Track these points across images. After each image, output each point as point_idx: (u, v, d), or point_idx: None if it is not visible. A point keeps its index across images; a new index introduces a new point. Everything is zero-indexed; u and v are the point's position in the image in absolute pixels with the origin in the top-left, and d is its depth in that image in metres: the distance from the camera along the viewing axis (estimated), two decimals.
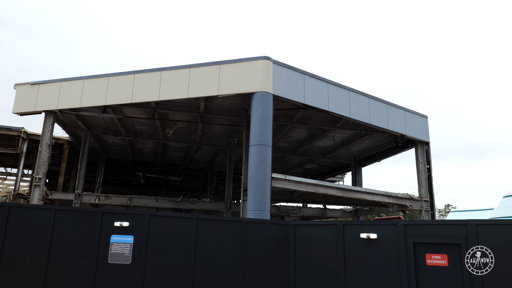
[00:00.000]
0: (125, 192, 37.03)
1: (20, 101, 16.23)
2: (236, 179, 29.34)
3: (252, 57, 14.56)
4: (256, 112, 13.87)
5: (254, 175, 13.23)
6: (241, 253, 9.48)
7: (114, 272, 9.23)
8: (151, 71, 15.32)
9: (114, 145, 24.46)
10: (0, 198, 42.12)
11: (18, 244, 9.42)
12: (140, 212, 9.71)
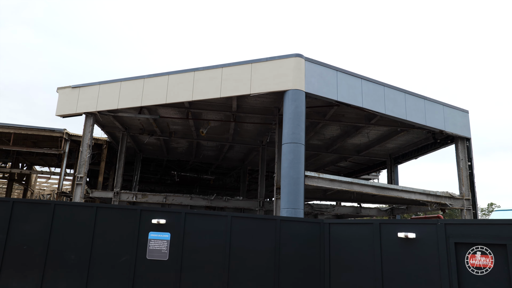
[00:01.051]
0: (160, 191, 38.06)
1: (62, 104, 17.06)
2: (268, 177, 29.39)
3: (284, 54, 14.50)
4: (289, 110, 13.81)
5: (287, 173, 13.19)
6: (275, 251, 9.49)
7: (152, 268, 9.52)
8: (184, 72, 15.62)
9: (149, 145, 25.17)
10: (45, 196, 44.50)
11: (63, 240, 9.91)
12: (176, 210, 9.93)
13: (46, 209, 10.19)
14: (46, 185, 43.45)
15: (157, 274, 9.46)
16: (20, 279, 9.75)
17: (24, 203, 10.40)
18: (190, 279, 9.38)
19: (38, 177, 37.81)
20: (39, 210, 10.22)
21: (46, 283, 9.62)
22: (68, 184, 36.18)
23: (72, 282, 9.56)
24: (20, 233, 10.06)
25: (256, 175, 32.21)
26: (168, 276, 9.41)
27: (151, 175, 35.16)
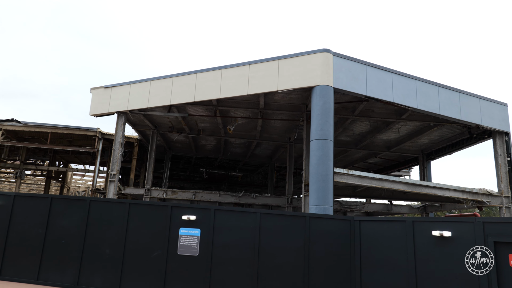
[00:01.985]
0: (189, 187, 38.69)
1: (95, 104, 17.63)
2: (296, 174, 29.23)
3: (311, 50, 14.32)
4: (317, 106, 13.65)
5: (315, 170, 13.06)
6: (304, 248, 9.43)
7: (183, 263, 9.69)
8: (212, 70, 15.75)
9: (178, 143, 25.61)
10: (80, 193, 46.28)
11: (98, 235, 10.26)
12: (205, 206, 10.06)
13: (82, 205, 10.59)
14: (81, 182, 45.14)
15: (187, 269, 9.62)
16: (59, 272, 10.19)
17: (61, 199, 10.85)
18: (219, 274, 9.49)
19: (73, 174, 39.33)
20: (75, 206, 10.63)
21: (83, 276, 10.00)
22: (102, 181, 37.42)
23: (107, 276, 9.89)
24: (58, 228, 10.51)
25: (284, 172, 32.14)
26: (198, 271, 9.55)
27: (180, 172, 35.81)
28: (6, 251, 10.52)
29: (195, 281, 9.49)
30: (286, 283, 9.28)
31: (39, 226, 10.55)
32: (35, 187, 46.35)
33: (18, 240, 10.59)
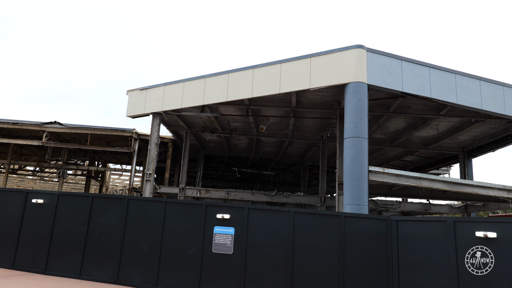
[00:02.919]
0: (222, 186, 39.12)
1: (132, 105, 18.20)
2: (329, 173, 28.85)
3: (344, 46, 14.07)
4: (350, 104, 13.39)
5: (350, 168, 12.82)
6: (339, 248, 9.28)
7: (217, 261, 9.81)
8: (244, 70, 15.83)
9: (211, 142, 25.96)
10: (118, 192, 47.99)
11: (136, 233, 10.59)
12: (239, 205, 10.13)
13: (120, 203, 10.96)
14: (119, 181, 46.80)
15: (222, 267, 9.73)
16: (100, 267, 10.61)
17: (101, 198, 11.29)
18: (254, 273, 9.52)
19: (111, 174, 40.84)
20: (114, 205, 11.02)
21: (122, 273, 10.35)
22: (138, 180, 38.60)
23: (145, 272, 10.19)
24: (98, 226, 10.94)
25: (317, 170, 31.80)
26: (233, 269, 9.64)
27: (213, 172, 36.30)
28: (51, 247, 11.08)
29: (229, 279, 9.58)
30: (321, 282, 9.17)
31: (81, 223, 11.03)
32: (76, 186, 48.56)
33: (62, 236, 11.12)
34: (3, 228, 11.69)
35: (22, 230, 11.51)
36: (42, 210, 11.50)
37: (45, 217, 11.39)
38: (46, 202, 11.52)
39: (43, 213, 11.45)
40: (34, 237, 11.33)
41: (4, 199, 11.99)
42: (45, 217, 11.40)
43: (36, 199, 11.56)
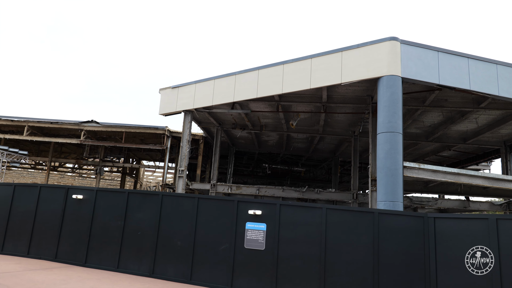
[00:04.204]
0: (252, 183, 39.31)
1: (164, 104, 18.59)
2: (361, 169, 28.30)
3: (377, 39, 13.69)
4: (384, 98, 13.03)
5: (383, 164, 12.50)
6: (373, 245, 9.08)
7: (249, 256, 9.86)
8: (273, 66, 15.77)
9: (241, 139, 26.10)
10: (151, 188, 49.29)
11: (170, 228, 10.83)
12: (271, 201, 10.12)
13: (155, 199, 11.25)
14: (152, 177, 48.06)
15: (254, 263, 9.77)
16: (136, 261, 10.95)
17: (137, 194, 11.63)
18: (286, 269, 9.50)
19: (145, 170, 42.00)
20: (149, 200, 11.33)
21: (158, 266, 10.63)
22: (170, 176, 39.48)
23: (179, 266, 10.41)
24: (134, 220, 11.28)
25: (348, 166, 31.27)
26: (265, 265, 9.66)
27: (243, 168, 36.52)
28: (90, 241, 11.55)
29: (262, 275, 9.61)
30: (354, 280, 9.02)
31: (118, 218, 11.42)
32: (112, 183, 50.32)
33: (100, 231, 11.56)
34: (47, 222, 12.30)
35: (64, 224, 12.06)
36: (81, 205, 12.00)
37: (85, 212, 11.88)
38: (85, 198, 12.01)
39: (82, 208, 11.95)
40: (75, 231, 11.85)
41: (47, 195, 12.61)
42: (84, 212, 11.89)
43: (76, 195, 12.08)
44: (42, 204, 12.55)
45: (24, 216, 12.67)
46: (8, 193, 13.12)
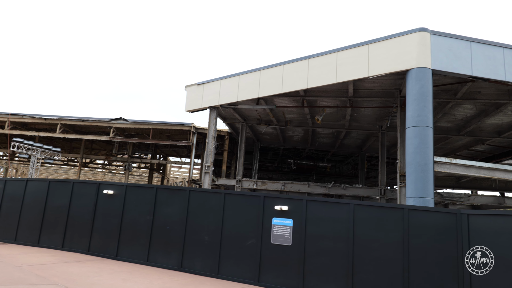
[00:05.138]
0: (277, 178, 39.25)
1: (190, 100, 18.81)
2: (389, 164, 27.71)
3: (405, 31, 13.30)
4: (413, 91, 12.66)
5: (413, 159, 12.17)
6: (403, 242, 8.88)
7: (276, 252, 9.86)
8: (298, 60, 15.62)
9: (266, 134, 26.09)
10: (177, 183, 50.15)
11: (197, 222, 10.97)
12: (297, 197, 10.07)
13: (182, 194, 11.42)
14: (178, 173, 48.88)
15: (281, 259, 9.77)
16: (164, 255, 11.18)
17: (164, 189, 11.84)
18: (313, 265, 9.44)
19: (171, 166, 42.76)
20: (176, 196, 11.52)
21: (186, 260, 10.81)
22: (196, 172, 40.01)
23: (206, 261, 10.55)
24: (162, 215, 11.51)
25: (375, 161, 30.69)
26: (291, 261, 9.64)
27: (268, 164, 36.51)
28: (121, 235, 11.88)
29: (289, 270, 9.60)
30: (383, 277, 8.86)
31: (147, 213, 11.69)
32: (140, 178, 51.56)
33: (130, 225, 11.87)
34: (79, 217, 12.75)
35: (95, 218, 12.46)
36: (112, 200, 12.36)
37: (115, 207, 12.23)
38: (116, 193, 12.34)
39: (113, 203, 12.30)
40: (106, 226, 12.22)
41: (80, 190, 13.06)
42: (115, 207, 12.24)
43: (107, 190, 12.44)
44: (75, 199, 13.01)
45: (58, 211, 13.18)
46: (44, 188, 13.67)
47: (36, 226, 13.42)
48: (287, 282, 9.55)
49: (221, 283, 9.58)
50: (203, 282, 9.52)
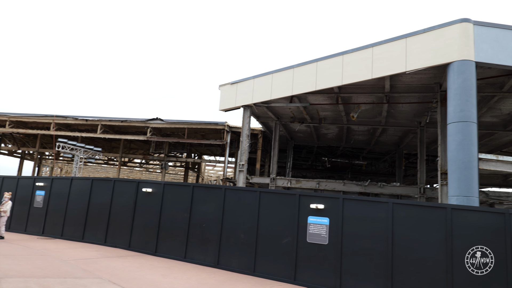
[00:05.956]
0: (311, 176, 38.89)
1: (224, 99, 19.01)
2: (428, 162, 26.70)
3: (446, 22, 12.75)
4: (454, 85, 12.12)
5: (455, 156, 11.65)
6: (446, 243, 8.52)
7: (312, 250, 9.77)
8: (332, 57, 15.38)
9: (300, 132, 25.90)
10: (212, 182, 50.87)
11: (233, 220, 11.08)
12: (333, 195, 9.92)
13: (218, 192, 11.57)
14: (213, 172, 49.58)
15: (317, 257, 9.66)
16: (201, 252, 11.37)
17: (201, 187, 12.04)
18: (350, 264, 9.28)
19: (206, 165, 43.43)
20: (212, 194, 11.68)
21: (222, 257, 10.95)
22: (230, 171, 40.41)
23: (242, 258, 10.63)
24: (199, 213, 11.71)
25: (413, 159, 29.69)
26: (328, 260, 9.51)
27: (302, 162, 36.26)
28: (159, 232, 12.22)
29: (325, 269, 9.48)
30: (425, 278, 8.55)
31: (184, 210, 11.94)
32: (175, 177, 52.78)
33: (168, 222, 12.18)
34: (120, 213, 13.24)
35: (135, 216, 12.89)
36: (150, 198, 12.73)
37: (153, 204, 12.59)
38: (154, 191, 12.70)
39: (151, 201, 12.67)
40: (145, 222, 12.61)
41: (120, 188, 13.55)
42: (153, 204, 12.59)
43: (145, 188, 12.83)
44: (116, 197, 13.52)
45: (100, 208, 13.75)
46: (87, 186, 14.31)
47: (81, 222, 14.06)
48: (324, 281, 9.44)
49: (257, 281, 9.62)
50: (240, 280, 9.60)
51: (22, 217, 15.68)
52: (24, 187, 16.00)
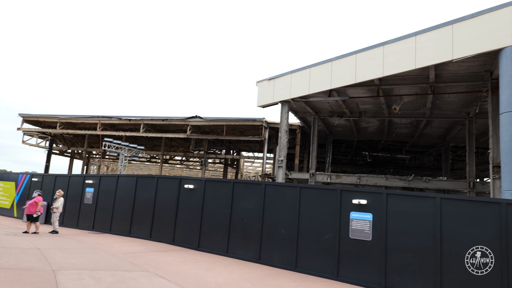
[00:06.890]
0: (351, 171, 38.06)
1: (261, 96, 19.02)
2: (478, 154, 25.29)
3: (496, 5, 11.95)
4: (508, 72, 11.35)
5: (509, 148, 10.93)
6: (501, 240, 8.03)
7: (355, 246, 9.57)
8: (372, 48, 14.91)
9: (339, 127, 25.40)
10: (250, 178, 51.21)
11: (273, 216, 11.08)
12: (376, 190, 9.64)
13: (258, 188, 11.61)
14: (251, 168, 49.91)
15: (360, 254, 9.45)
16: (243, 247, 11.48)
17: (241, 183, 12.14)
18: (395, 262, 8.98)
19: (244, 161, 43.78)
20: (252, 190, 11.74)
21: (263, 253, 10.99)
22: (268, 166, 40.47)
23: (283, 254, 10.61)
24: (240, 209, 11.82)
25: (461, 152, 28.25)
26: (372, 256, 9.27)
27: (342, 156, 35.58)
28: (202, 227, 12.47)
29: (369, 266, 9.25)
30: (478, 277, 8.10)
31: (225, 206, 12.10)
32: (215, 173, 53.68)
33: (210, 218, 12.40)
34: (164, 209, 13.66)
35: (178, 211, 13.24)
36: (192, 194, 13.02)
37: (195, 200, 12.86)
38: (196, 187, 12.98)
39: (193, 197, 12.96)
40: (188, 218, 12.92)
41: (163, 185, 13.97)
42: (195, 200, 12.88)
43: (187, 185, 13.13)
44: (159, 193, 13.96)
45: (145, 204, 14.26)
46: (132, 183, 14.89)
47: (127, 218, 14.67)
48: (367, 278, 9.22)
49: (299, 277, 9.58)
50: (282, 275, 9.60)
51: (74, 213, 16.62)
52: (75, 185, 16.94)
